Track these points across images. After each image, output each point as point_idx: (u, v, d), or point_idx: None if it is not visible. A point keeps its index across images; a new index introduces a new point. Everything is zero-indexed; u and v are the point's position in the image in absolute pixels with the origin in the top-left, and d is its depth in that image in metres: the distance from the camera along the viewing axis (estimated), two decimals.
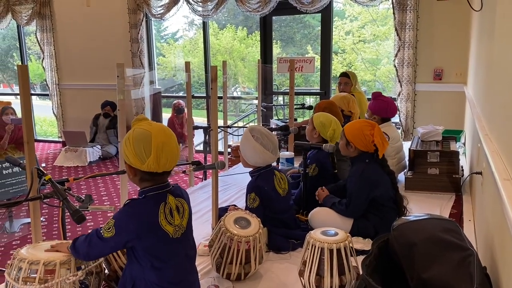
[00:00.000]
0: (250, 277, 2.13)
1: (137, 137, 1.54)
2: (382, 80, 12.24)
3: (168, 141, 1.55)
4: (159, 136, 1.53)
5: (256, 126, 2.56)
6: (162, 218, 1.56)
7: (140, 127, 1.57)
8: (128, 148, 1.55)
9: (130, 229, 1.53)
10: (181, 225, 1.62)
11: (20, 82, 2.06)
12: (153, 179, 1.59)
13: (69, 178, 2.29)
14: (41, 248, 1.79)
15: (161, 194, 1.60)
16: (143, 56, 6.77)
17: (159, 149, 1.52)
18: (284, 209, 2.53)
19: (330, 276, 1.81)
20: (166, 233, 1.56)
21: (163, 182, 1.62)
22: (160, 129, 1.56)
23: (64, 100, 7.53)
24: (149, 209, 1.56)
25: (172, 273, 1.61)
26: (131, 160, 1.56)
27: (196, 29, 13.98)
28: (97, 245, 1.59)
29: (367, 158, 2.50)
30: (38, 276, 1.62)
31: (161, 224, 1.55)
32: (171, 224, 1.58)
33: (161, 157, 1.53)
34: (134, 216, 1.55)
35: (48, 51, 7.32)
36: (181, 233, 1.62)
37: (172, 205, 1.60)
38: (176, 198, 1.63)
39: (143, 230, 1.54)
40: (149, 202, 1.58)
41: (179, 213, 1.62)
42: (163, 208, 1.57)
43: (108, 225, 1.56)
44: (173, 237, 1.58)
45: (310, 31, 12.82)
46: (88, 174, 2.41)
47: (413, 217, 1.94)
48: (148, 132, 1.54)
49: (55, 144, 7.76)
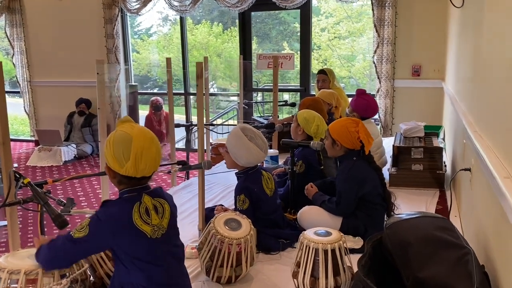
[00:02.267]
0: (241, 279, 2.08)
1: (118, 140, 1.51)
2: (357, 77, 12.36)
3: (149, 146, 1.52)
4: (140, 141, 1.50)
5: (246, 126, 2.50)
6: (136, 217, 1.52)
7: (122, 130, 1.53)
8: (108, 151, 1.52)
9: (104, 229, 1.51)
10: (160, 225, 1.57)
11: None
12: (130, 183, 1.57)
13: (48, 180, 2.18)
14: (20, 256, 1.69)
15: (137, 195, 1.57)
16: (118, 52, 6.59)
17: (138, 154, 1.49)
18: (273, 209, 2.48)
19: (325, 277, 1.78)
20: (143, 232, 1.52)
21: (140, 185, 1.58)
22: (141, 134, 1.52)
23: (36, 97, 7.27)
24: (123, 208, 1.53)
25: (158, 275, 1.56)
26: (110, 162, 1.54)
27: (170, 24, 13.78)
28: (62, 247, 1.52)
29: (354, 155, 2.48)
30: (19, 286, 1.53)
31: (136, 223, 1.51)
32: (148, 224, 1.54)
33: (140, 162, 1.50)
34: (108, 216, 1.53)
35: (19, 47, 7.04)
36: (161, 233, 1.57)
37: (148, 205, 1.56)
38: (154, 198, 1.59)
39: (118, 229, 1.51)
40: (123, 202, 1.55)
41: (158, 213, 1.57)
42: (138, 207, 1.53)
43: (82, 226, 1.51)
44: (152, 237, 1.54)
45: (285, 28, 12.81)
46: (67, 176, 2.31)
47: (405, 215, 1.92)
48: (129, 136, 1.50)
49: (27, 143, 7.49)
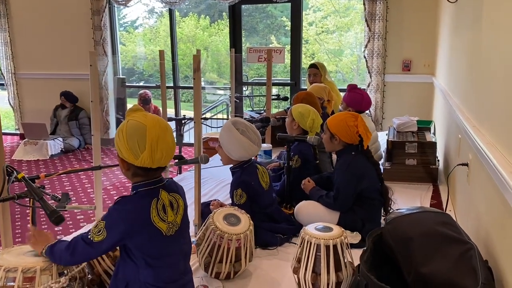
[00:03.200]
0: (239, 275, 2.06)
1: (131, 130, 1.44)
2: (345, 71, 12.40)
3: (164, 135, 1.45)
4: (155, 130, 1.43)
5: (238, 119, 2.46)
6: (154, 214, 1.47)
7: (134, 119, 1.46)
8: (121, 142, 1.44)
9: (121, 228, 1.44)
10: (175, 222, 1.53)
11: None
12: (146, 175, 1.50)
13: (40, 175, 2.12)
14: (16, 253, 1.64)
15: (154, 190, 1.51)
16: (106, 44, 6.47)
17: (154, 143, 1.42)
18: (269, 203, 2.47)
19: (327, 273, 1.76)
20: (159, 230, 1.47)
21: (156, 177, 1.53)
22: (155, 122, 1.46)
23: (21, 90, 7.10)
24: (140, 206, 1.47)
25: (167, 272, 1.52)
26: (124, 154, 1.46)
27: (157, 17, 13.60)
28: (84, 251, 1.48)
29: (353, 150, 2.48)
30: (17, 284, 1.48)
31: (154, 221, 1.46)
32: (164, 221, 1.49)
33: (156, 152, 1.43)
34: (124, 214, 1.46)
35: (3, 38, 6.87)
36: (175, 230, 1.53)
37: (165, 201, 1.51)
38: (170, 193, 1.54)
39: (135, 228, 1.45)
40: (140, 199, 1.49)
41: (173, 209, 1.53)
42: (156, 204, 1.48)
43: (98, 228, 1.45)
44: (167, 235, 1.50)
45: (273, 21, 12.76)
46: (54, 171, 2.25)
47: (406, 210, 1.92)
48: (143, 125, 1.43)
49: (12, 137, 7.33)
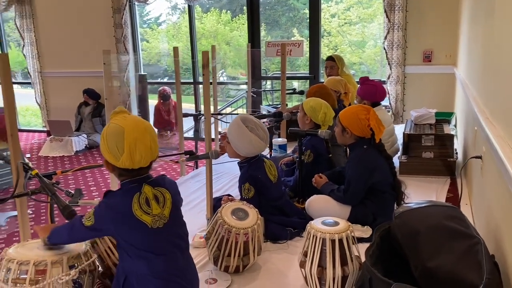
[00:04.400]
0: (248, 269, 2.08)
1: (111, 134, 1.51)
2: (369, 63, 12.22)
3: (142, 137, 1.49)
4: (132, 132, 1.48)
5: (247, 116, 2.48)
6: (136, 208, 1.52)
7: (114, 122, 1.52)
8: (103, 145, 1.52)
9: (106, 219, 1.54)
10: (162, 214, 1.57)
11: (1, 72, 1.94)
12: (130, 174, 1.57)
13: (57, 171, 2.20)
14: (30, 247, 1.71)
15: (137, 185, 1.56)
16: (127, 41, 6.58)
17: (132, 146, 1.48)
18: (278, 196, 2.48)
19: (333, 267, 1.76)
20: (143, 223, 1.52)
21: (140, 175, 1.58)
22: (133, 125, 1.50)
23: (47, 88, 7.32)
24: (123, 200, 1.54)
25: (161, 264, 1.55)
26: (106, 156, 1.54)
27: (179, 13, 13.71)
28: (79, 230, 1.59)
29: (365, 143, 2.46)
30: (29, 277, 1.54)
31: (136, 214, 1.51)
32: (148, 214, 1.53)
33: (134, 154, 1.49)
34: (109, 207, 1.54)
35: (29, 38, 7.08)
36: (163, 223, 1.57)
37: (149, 195, 1.55)
38: (155, 187, 1.58)
39: (118, 220, 1.52)
40: (123, 193, 1.56)
41: (158, 202, 1.57)
42: (137, 198, 1.53)
43: (89, 214, 1.56)
44: (153, 227, 1.54)
45: (295, 14, 12.67)
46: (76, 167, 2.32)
47: (414, 204, 1.89)
48: (121, 128, 1.49)
49: (39, 134, 7.56)
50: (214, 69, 4.00)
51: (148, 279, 1.53)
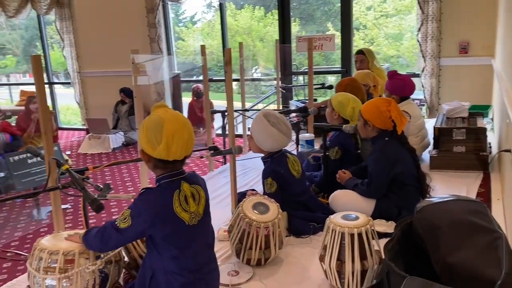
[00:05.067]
0: (270, 262, 2.11)
1: (151, 124, 1.54)
2: (406, 56, 11.93)
3: (180, 130, 1.52)
4: (172, 125, 1.51)
5: (269, 111, 2.50)
6: (177, 205, 1.54)
7: (155, 114, 1.56)
8: (142, 134, 1.55)
9: (145, 218, 1.52)
10: (197, 212, 1.59)
11: (34, 73, 2.06)
12: (165, 167, 1.58)
13: (89, 167, 2.29)
14: (61, 238, 1.81)
15: (175, 182, 1.58)
16: (161, 41, 6.74)
17: (170, 137, 1.50)
18: (301, 191, 2.49)
19: (352, 261, 1.76)
20: (181, 220, 1.54)
21: (176, 170, 1.60)
22: (173, 118, 1.54)
23: (85, 87, 7.61)
24: (163, 197, 1.55)
25: (190, 261, 1.59)
26: (143, 145, 1.56)
27: (214, 11, 13.85)
28: (111, 237, 1.58)
29: (387, 136, 2.43)
30: (58, 265, 1.64)
31: (176, 212, 1.54)
32: (187, 211, 1.56)
33: (171, 145, 1.51)
34: (148, 205, 1.54)
35: (68, 40, 7.38)
36: (198, 220, 1.60)
37: (187, 192, 1.58)
38: (191, 185, 1.61)
39: (158, 218, 1.52)
40: (163, 190, 1.57)
41: (195, 200, 1.60)
42: (178, 195, 1.55)
43: (124, 216, 1.55)
44: (190, 224, 1.56)
45: (330, 8, 12.52)
46: (106, 163, 2.42)
47: (437, 198, 1.87)
48: (161, 119, 1.52)
49: (79, 132, 7.88)
50: (242, 66, 4.04)
51: (176, 277, 1.56)
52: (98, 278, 1.68)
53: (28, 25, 14.64)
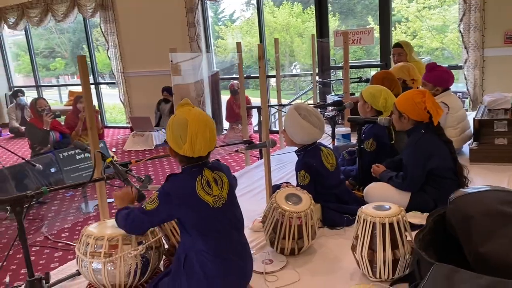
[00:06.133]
0: (304, 252, 2.16)
1: (176, 124, 1.67)
2: (451, 48, 11.55)
3: (203, 129, 1.64)
4: (194, 125, 1.63)
5: (301, 104, 2.54)
6: (199, 188, 1.66)
7: (180, 114, 1.68)
8: (169, 133, 1.69)
9: (171, 200, 1.65)
10: (221, 195, 1.70)
11: (80, 72, 2.20)
12: (190, 162, 1.71)
13: (131, 161, 2.43)
14: (106, 225, 1.93)
15: (198, 169, 1.71)
16: (200, 40, 6.89)
17: (194, 137, 1.63)
18: (335, 184, 2.51)
19: (383, 250, 1.79)
20: (205, 202, 1.66)
21: (200, 161, 1.72)
22: (196, 118, 1.65)
23: (129, 87, 7.90)
24: (186, 181, 1.68)
25: (219, 241, 1.68)
26: (170, 143, 1.70)
27: (253, 8, 13.94)
28: (138, 218, 1.71)
29: (422, 128, 2.40)
30: (103, 250, 1.76)
31: (199, 194, 1.65)
32: (210, 194, 1.67)
33: (195, 144, 1.64)
34: (174, 188, 1.68)
35: (112, 41, 7.68)
36: (222, 203, 1.70)
37: (209, 178, 1.69)
38: (214, 171, 1.73)
39: (183, 201, 1.65)
40: (186, 175, 1.70)
41: (217, 184, 1.71)
42: (200, 180, 1.68)
43: (152, 198, 1.69)
44: (214, 207, 1.67)
45: (371, 1, 12.30)
46: (147, 157, 2.54)
47: (471, 189, 1.85)
48: (185, 120, 1.64)
49: (124, 130, 8.19)
50: (277, 62, 4.09)
51: (207, 257, 1.66)
52: (140, 262, 1.79)
53: (75, 28, 15.30)
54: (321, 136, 2.52)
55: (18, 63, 11.82)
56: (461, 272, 1.36)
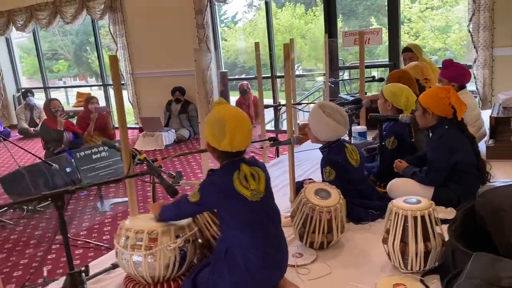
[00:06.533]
0: (332, 246, 2.20)
1: (215, 121, 1.73)
2: (454, 48, 11.63)
3: (241, 125, 1.72)
4: (233, 121, 1.71)
5: (325, 102, 2.59)
6: (237, 183, 1.72)
7: (217, 111, 1.76)
8: (208, 130, 1.76)
9: (211, 193, 1.74)
10: (258, 189, 1.75)
11: (112, 72, 2.25)
12: (228, 157, 1.77)
13: (158, 158, 2.48)
14: (142, 219, 1.98)
15: (235, 164, 1.77)
16: (209, 41, 6.95)
17: (233, 132, 1.69)
18: (360, 180, 2.56)
19: (415, 242, 1.83)
20: (243, 196, 1.72)
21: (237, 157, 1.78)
22: (234, 114, 1.73)
23: (138, 88, 7.95)
24: (225, 176, 1.74)
25: (258, 234, 1.72)
26: (209, 140, 1.76)
27: (255, 10, 14.02)
28: (185, 206, 1.82)
29: (446, 124, 2.44)
30: (144, 243, 1.81)
31: (237, 189, 1.71)
32: (247, 188, 1.73)
33: (234, 139, 1.70)
34: (213, 182, 1.76)
35: (121, 42, 7.73)
36: (260, 197, 1.75)
37: (246, 172, 1.75)
38: (251, 166, 1.78)
39: (222, 194, 1.72)
40: (224, 171, 1.77)
41: (254, 179, 1.76)
42: (237, 175, 1.73)
43: (194, 192, 1.78)
44: (252, 200, 1.73)
45: (373, 2, 12.39)
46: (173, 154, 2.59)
47: (499, 183, 1.91)
48: (223, 116, 1.72)
49: (132, 131, 8.23)
50: (292, 62, 4.14)
51: (248, 249, 1.70)
52: (178, 255, 1.84)
53: (78, 30, 15.37)
54: (346, 133, 2.57)
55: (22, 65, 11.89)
56: (504, 261, 1.41)
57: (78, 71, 17.23)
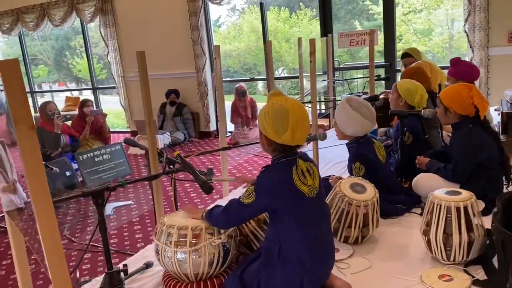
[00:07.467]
0: (366, 240, 2.20)
1: (276, 112, 1.64)
2: (436, 51, 11.86)
3: (304, 117, 1.66)
4: (296, 113, 1.63)
5: (352, 96, 2.59)
6: (296, 178, 1.65)
7: (278, 102, 1.66)
8: (267, 122, 1.65)
9: (269, 191, 1.65)
10: (314, 185, 1.70)
11: (139, 69, 2.21)
12: (284, 150, 1.70)
13: None
14: (180, 216, 1.94)
15: (292, 159, 1.70)
16: (203, 43, 6.90)
17: (295, 125, 1.62)
18: (387, 175, 2.56)
19: (459, 233, 1.84)
20: (302, 192, 1.66)
21: (292, 151, 1.72)
22: (296, 106, 1.66)
23: (129, 91, 7.82)
24: (284, 172, 1.67)
25: (313, 231, 1.69)
26: (269, 132, 1.67)
27: (238, 14, 14.02)
28: (237, 212, 1.71)
29: (470, 122, 2.43)
30: (188, 240, 1.76)
31: (296, 184, 1.65)
32: (305, 184, 1.67)
33: (296, 132, 1.63)
34: (271, 179, 1.67)
35: (112, 45, 7.60)
36: (316, 193, 1.71)
37: (303, 168, 1.69)
38: (305, 162, 1.73)
39: (280, 192, 1.64)
40: (283, 166, 1.69)
41: (310, 174, 1.71)
42: (295, 170, 1.67)
43: (248, 192, 1.67)
44: (310, 197, 1.68)
45: (354, 6, 12.56)
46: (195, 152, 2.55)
47: None
48: (286, 108, 1.63)
49: (124, 134, 8.11)
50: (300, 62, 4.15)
51: (303, 245, 1.66)
52: (221, 251, 1.80)
53: (58, 35, 15.09)
54: (373, 128, 2.57)
55: None
56: None
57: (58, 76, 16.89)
